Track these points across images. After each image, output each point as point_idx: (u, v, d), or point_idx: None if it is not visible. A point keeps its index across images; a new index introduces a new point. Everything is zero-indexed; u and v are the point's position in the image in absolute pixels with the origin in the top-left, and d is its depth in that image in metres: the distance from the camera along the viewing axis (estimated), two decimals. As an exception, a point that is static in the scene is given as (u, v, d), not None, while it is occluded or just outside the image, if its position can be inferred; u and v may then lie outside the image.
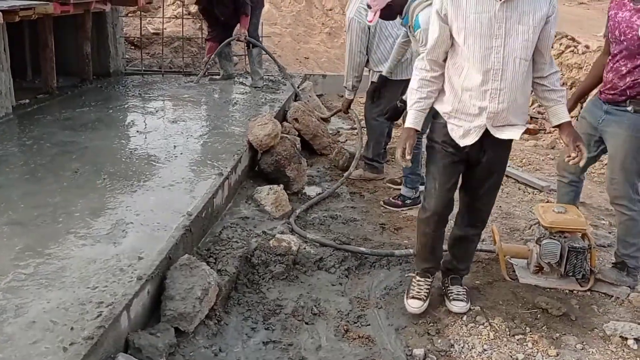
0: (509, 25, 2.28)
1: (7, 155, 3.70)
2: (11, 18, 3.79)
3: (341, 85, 7.35)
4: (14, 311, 2.04)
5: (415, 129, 2.52)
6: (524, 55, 2.32)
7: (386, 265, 3.25)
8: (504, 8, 2.26)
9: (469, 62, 2.36)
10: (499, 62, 2.32)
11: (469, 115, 2.45)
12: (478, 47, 2.31)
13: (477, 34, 2.30)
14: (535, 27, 2.29)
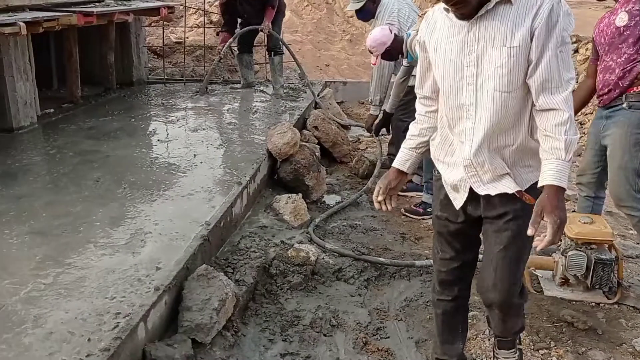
0: (480, 50, 1.79)
1: (31, 165, 3.76)
2: (35, 29, 3.86)
3: (361, 92, 7.42)
4: (32, 322, 2.06)
5: (400, 169, 2.11)
6: (500, 86, 1.79)
7: (406, 276, 3.20)
8: (475, 28, 1.79)
9: (442, 96, 1.95)
10: (471, 95, 1.84)
11: (452, 164, 2.00)
12: (448, 77, 1.87)
13: (447, 62, 1.86)
14: (512, 49, 1.75)
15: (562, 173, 1.75)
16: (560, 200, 1.75)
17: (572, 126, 1.75)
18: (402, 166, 2.12)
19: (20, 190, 3.32)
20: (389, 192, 2.12)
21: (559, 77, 1.75)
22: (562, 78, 1.75)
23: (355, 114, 7.11)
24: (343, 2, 10.02)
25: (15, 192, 3.29)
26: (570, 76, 1.77)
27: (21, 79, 4.47)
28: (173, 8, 6.12)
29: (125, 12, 5.13)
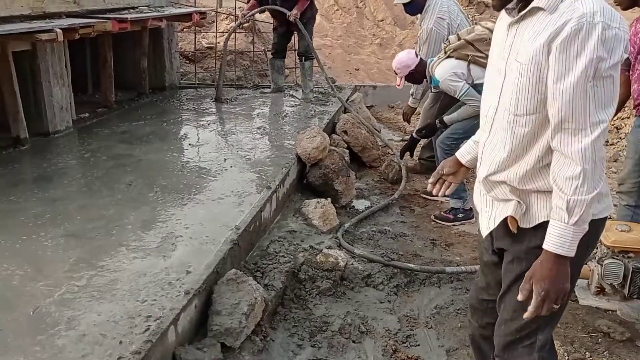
0: (509, 58, 1.57)
1: (67, 168, 3.84)
2: (71, 36, 3.95)
3: (391, 96, 7.38)
4: (65, 324, 2.09)
5: (459, 159, 1.96)
6: (509, 105, 1.56)
7: (437, 283, 3.16)
8: (512, 32, 1.57)
9: None
10: (493, 106, 1.65)
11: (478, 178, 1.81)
12: (486, 81, 1.73)
13: (489, 64, 1.71)
14: (522, 66, 1.50)
15: (563, 238, 1.48)
16: (554, 269, 1.50)
17: (585, 183, 1.43)
18: (462, 157, 1.97)
19: (56, 193, 3.40)
20: (441, 177, 2.00)
21: (583, 118, 1.42)
22: (587, 119, 1.42)
23: (385, 118, 7.07)
24: (373, 6, 10.02)
25: (51, 195, 3.37)
26: (600, 118, 1.42)
27: (57, 84, 4.58)
28: (205, 14, 6.19)
29: (159, 19, 5.22)
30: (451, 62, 3.76)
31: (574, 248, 1.49)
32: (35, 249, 2.68)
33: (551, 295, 1.52)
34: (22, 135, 4.25)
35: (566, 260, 1.50)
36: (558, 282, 1.51)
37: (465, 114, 3.82)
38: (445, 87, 3.78)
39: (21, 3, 3.76)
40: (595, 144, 1.42)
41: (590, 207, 1.46)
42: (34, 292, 2.30)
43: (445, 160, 2.05)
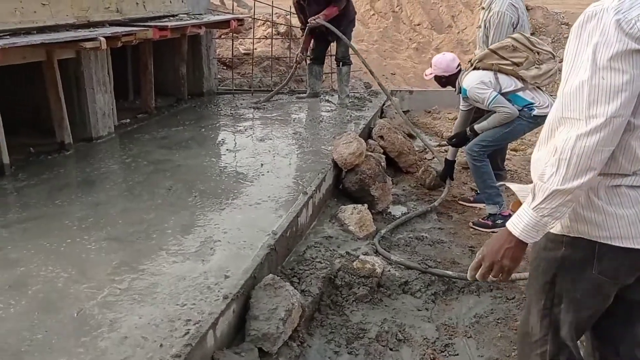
0: None
1: (109, 173, 3.94)
2: (114, 44, 4.06)
3: (428, 101, 7.32)
4: (108, 326, 2.14)
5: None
6: None
7: (476, 291, 3.10)
8: None
9: None
10: None
11: None
12: None
13: None
14: None
15: (519, 218, 1.49)
16: (500, 241, 1.55)
17: (557, 173, 1.40)
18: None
19: (99, 197, 3.48)
20: None
21: (579, 109, 1.37)
22: (582, 110, 1.36)
23: (421, 123, 7.02)
24: (410, 10, 9.96)
25: (94, 199, 3.45)
26: (598, 111, 1.34)
27: (100, 90, 4.71)
28: (243, 20, 6.27)
29: (198, 26, 5.31)
30: (478, 72, 3.83)
31: (529, 233, 1.48)
32: (79, 251, 2.75)
33: (486, 261, 1.58)
34: (67, 140, 4.38)
35: (515, 240, 1.51)
36: (497, 254, 1.55)
37: (496, 121, 3.79)
38: (473, 96, 3.80)
39: (66, 12, 3.88)
40: (582, 139, 1.36)
41: (557, 201, 1.42)
42: (78, 295, 2.36)
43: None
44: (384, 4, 10.57)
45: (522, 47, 3.72)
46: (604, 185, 1.48)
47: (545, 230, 1.49)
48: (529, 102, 3.75)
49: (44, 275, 2.52)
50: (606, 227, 1.48)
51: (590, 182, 1.40)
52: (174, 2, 5.33)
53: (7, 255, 2.71)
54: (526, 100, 3.76)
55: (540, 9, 10.19)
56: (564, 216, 1.47)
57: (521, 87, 3.77)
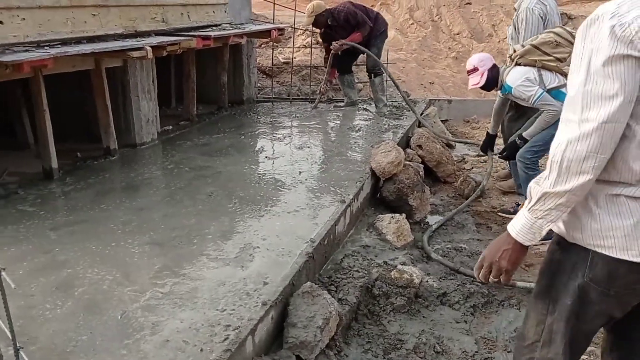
0: None
1: (152, 179, 4.03)
2: (159, 53, 4.17)
3: (467, 110, 7.24)
4: (150, 329, 2.19)
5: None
6: None
7: (516, 305, 3.04)
8: None
9: None
10: None
11: None
12: None
13: None
14: None
15: (517, 219, 1.50)
16: (499, 242, 1.57)
17: (550, 175, 1.40)
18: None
19: (142, 202, 3.58)
20: None
21: (574, 112, 1.36)
22: (576, 114, 1.35)
23: (460, 132, 6.94)
24: (449, 20, 9.89)
25: (138, 203, 3.55)
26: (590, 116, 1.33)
27: (145, 98, 4.84)
28: (283, 30, 6.35)
29: (240, 35, 5.40)
30: (521, 68, 3.72)
31: (525, 235, 1.49)
32: (123, 255, 2.83)
33: (486, 262, 1.60)
34: (112, 146, 4.52)
35: (513, 242, 1.52)
36: (495, 255, 1.57)
37: (543, 122, 3.70)
38: (518, 93, 3.70)
39: (115, 22, 4.01)
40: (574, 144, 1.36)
41: (548, 204, 1.42)
42: (122, 297, 2.43)
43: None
44: (424, 13, 10.53)
45: (565, 42, 3.62)
46: (604, 193, 1.44)
47: (541, 233, 1.47)
48: None
49: (90, 278, 2.60)
50: (601, 236, 1.46)
51: (582, 187, 1.39)
52: (217, 12, 5.44)
53: (55, 257, 2.81)
54: None
55: (583, 19, 9.94)
56: (557, 220, 1.46)
57: (564, 83, 3.67)
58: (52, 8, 3.46)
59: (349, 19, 6.13)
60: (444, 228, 4.03)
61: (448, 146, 5.82)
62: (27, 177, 4.03)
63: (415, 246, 3.67)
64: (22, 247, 2.90)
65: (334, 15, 6.17)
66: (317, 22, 6.19)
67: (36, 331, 2.18)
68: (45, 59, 3.09)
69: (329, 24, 6.20)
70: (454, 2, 10.39)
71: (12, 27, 3.18)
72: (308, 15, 6.15)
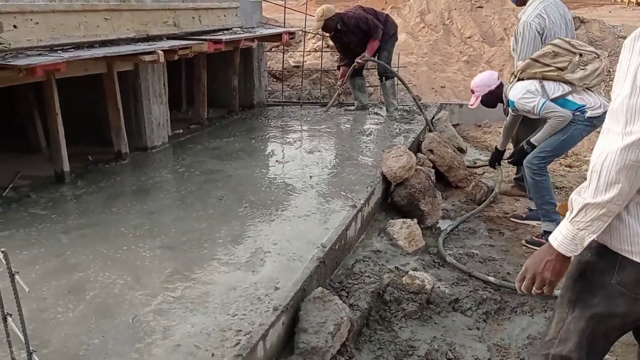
0: None
1: (163, 182, 4.04)
2: (171, 56, 4.18)
3: (478, 115, 7.20)
4: (161, 333, 2.18)
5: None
6: None
7: (529, 311, 3.01)
8: None
9: None
10: None
11: None
12: None
13: None
14: None
15: (559, 231, 1.53)
16: (542, 254, 1.59)
17: (590, 186, 1.42)
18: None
19: (153, 205, 3.58)
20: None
21: (618, 124, 1.37)
22: (620, 126, 1.36)
23: (471, 137, 6.90)
24: (461, 23, 9.86)
25: (149, 207, 3.55)
26: (634, 128, 1.34)
27: (156, 102, 4.85)
28: (294, 34, 6.35)
29: (251, 39, 5.41)
30: (522, 82, 3.78)
31: (567, 247, 1.52)
32: (134, 259, 2.83)
33: (529, 273, 1.62)
34: (123, 150, 4.53)
35: (556, 253, 1.55)
36: (538, 266, 1.59)
37: (551, 128, 3.69)
38: (521, 106, 3.74)
39: (127, 26, 4.03)
40: (616, 154, 1.36)
41: (590, 215, 1.45)
42: (133, 301, 2.43)
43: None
44: (435, 17, 10.50)
45: (563, 51, 3.64)
46: (635, 201, 1.47)
47: (583, 244, 1.50)
48: (580, 105, 3.63)
49: (101, 281, 2.60)
50: (629, 242, 1.49)
51: (622, 197, 1.40)
52: (228, 16, 5.46)
53: (66, 261, 2.81)
54: (576, 103, 3.64)
55: (597, 22, 9.89)
56: (599, 231, 1.47)
57: (569, 91, 3.66)
58: (65, 12, 3.49)
59: (360, 25, 6.13)
60: (455, 233, 4.00)
61: (459, 150, 5.78)
62: (39, 181, 4.05)
63: (426, 252, 3.65)
64: (34, 251, 2.91)
65: (344, 20, 6.18)
66: (326, 26, 6.20)
67: (48, 334, 2.18)
68: (59, 63, 3.10)
69: (339, 28, 6.21)
70: (465, 5, 10.36)
71: (25, 31, 3.20)
72: (317, 20, 6.15)
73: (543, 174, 3.80)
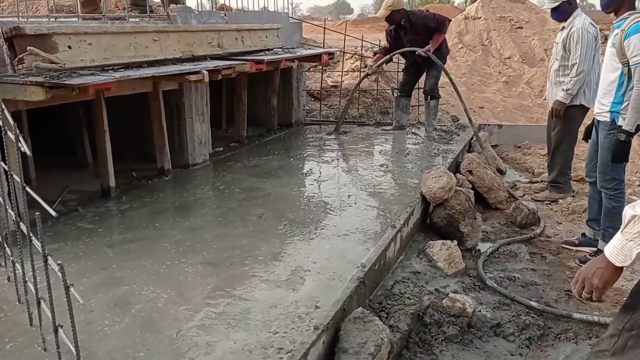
0: None
1: (204, 199, 4.12)
2: (215, 76, 4.29)
3: (518, 136, 7.11)
4: (204, 348, 2.21)
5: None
6: None
7: (573, 338, 2.93)
8: None
9: None
10: None
11: None
12: None
13: None
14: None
15: (611, 241, 1.61)
16: (595, 262, 1.66)
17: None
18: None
19: (194, 222, 3.65)
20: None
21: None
22: None
23: (510, 158, 6.81)
24: (500, 44, 9.79)
25: (190, 223, 3.62)
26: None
27: (198, 120, 4.97)
28: (333, 54, 6.43)
29: (291, 60, 5.50)
30: None
31: (617, 256, 1.57)
32: (177, 274, 2.89)
33: (580, 278, 1.69)
34: (166, 166, 4.64)
35: (606, 261, 1.60)
36: (589, 272, 1.66)
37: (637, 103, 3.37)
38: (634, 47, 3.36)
39: (174, 47, 4.16)
40: None
41: (637, 226, 1.50)
42: (177, 315, 2.47)
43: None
44: (473, 37, 10.47)
45: None
46: None
47: (631, 255, 1.54)
48: None
49: (146, 295, 2.66)
50: None
51: None
52: (270, 37, 5.57)
53: (112, 274, 2.89)
54: None
55: None
56: None
57: None
58: (116, 34, 3.63)
59: (427, 22, 6.04)
60: (496, 256, 3.94)
61: (499, 172, 5.71)
62: (86, 195, 4.19)
63: (466, 274, 3.59)
64: (82, 263, 3.00)
65: (410, 17, 6.10)
66: (391, 17, 6.10)
67: (95, 346, 2.23)
68: (109, 82, 3.22)
69: (402, 24, 6.11)
70: (504, 26, 10.30)
71: (79, 52, 3.34)
72: (385, 8, 6.05)
73: (620, 199, 3.67)
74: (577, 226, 4.54)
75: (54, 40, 3.21)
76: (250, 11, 5.97)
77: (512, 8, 10.94)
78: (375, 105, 7.89)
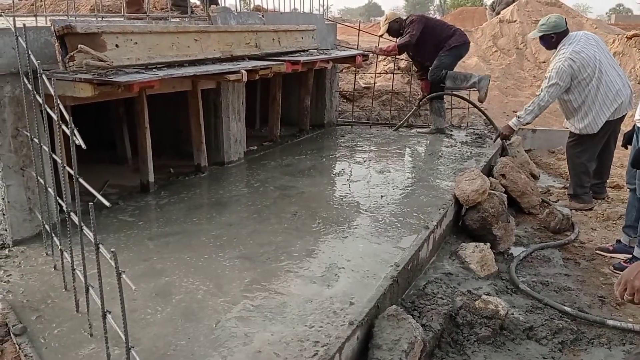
0: None
1: (239, 196, 4.20)
2: (252, 76, 4.37)
3: (552, 141, 7.04)
4: (243, 339, 2.29)
5: None
6: None
7: (607, 343, 2.92)
8: None
9: None
10: None
11: None
12: None
13: None
14: None
15: None
16: (637, 266, 1.77)
17: None
18: None
19: (231, 218, 3.73)
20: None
21: None
22: None
23: (544, 163, 6.75)
24: (535, 47, 9.69)
25: (227, 219, 3.71)
26: None
27: (234, 119, 5.06)
28: (367, 56, 6.46)
29: (326, 61, 5.56)
30: None
31: None
32: (215, 267, 2.97)
33: (622, 279, 1.78)
34: (203, 163, 4.75)
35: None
36: (631, 274, 1.76)
37: None
38: None
39: (214, 47, 4.26)
40: None
41: None
42: (216, 307, 2.55)
43: None
44: (507, 41, 10.37)
45: None
46: None
47: None
48: None
49: (186, 287, 2.75)
50: None
51: None
52: (305, 38, 5.63)
53: (153, 265, 2.99)
54: None
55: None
56: None
57: None
58: (160, 33, 3.73)
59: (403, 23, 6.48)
60: (529, 261, 3.93)
61: (532, 176, 5.67)
62: (126, 190, 4.32)
63: (499, 277, 3.60)
64: (124, 254, 3.11)
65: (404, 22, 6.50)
66: (391, 30, 6.58)
67: (139, 333, 2.33)
68: (153, 81, 3.32)
69: (401, 32, 6.49)
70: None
71: (126, 50, 3.45)
72: (383, 25, 6.62)
73: None
74: (611, 233, 4.49)
75: (103, 39, 3.33)
76: (287, 12, 6.05)
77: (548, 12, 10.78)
78: (407, 107, 7.89)
